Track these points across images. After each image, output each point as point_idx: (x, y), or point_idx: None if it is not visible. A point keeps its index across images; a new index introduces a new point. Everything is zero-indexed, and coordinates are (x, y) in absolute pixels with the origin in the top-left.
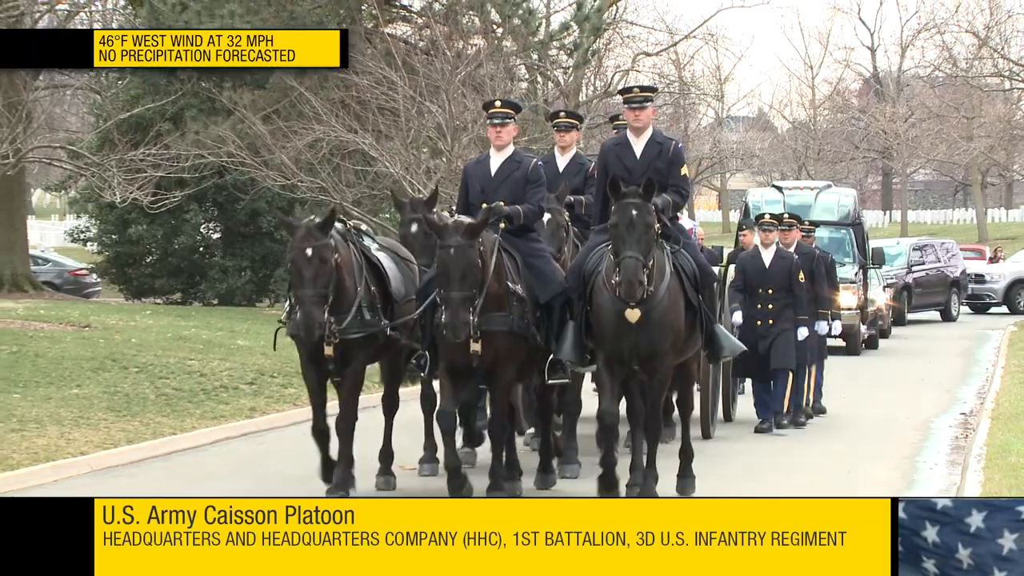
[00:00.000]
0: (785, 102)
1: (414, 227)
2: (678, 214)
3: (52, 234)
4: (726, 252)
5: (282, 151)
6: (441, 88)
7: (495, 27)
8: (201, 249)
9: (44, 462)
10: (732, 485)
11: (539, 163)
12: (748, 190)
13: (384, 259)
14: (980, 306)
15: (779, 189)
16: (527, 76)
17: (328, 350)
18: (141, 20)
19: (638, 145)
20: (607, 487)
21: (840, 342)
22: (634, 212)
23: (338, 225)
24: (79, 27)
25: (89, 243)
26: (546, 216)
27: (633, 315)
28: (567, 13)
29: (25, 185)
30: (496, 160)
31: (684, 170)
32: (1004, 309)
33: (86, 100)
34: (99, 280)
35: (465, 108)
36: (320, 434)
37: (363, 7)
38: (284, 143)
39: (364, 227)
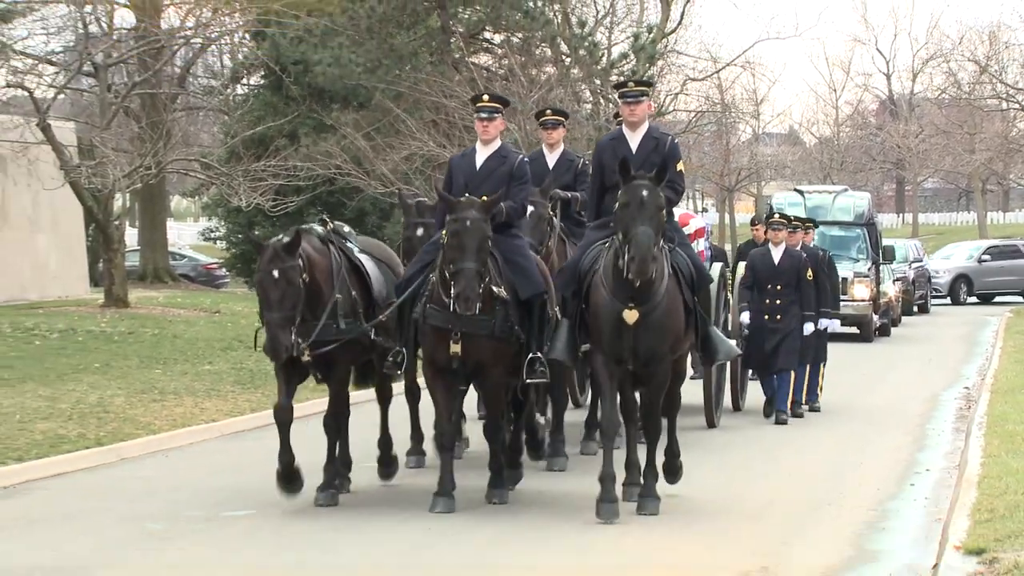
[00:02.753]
0: (812, 120)
1: (419, 231)
2: (692, 214)
3: (188, 234)
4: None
5: (382, 163)
6: (517, 110)
7: (564, 57)
8: None
9: (181, 428)
10: (749, 460)
11: (525, 160)
12: (773, 193)
13: (365, 260)
14: None
15: (800, 192)
16: (591, 99)
17: (305, 356)
18: (264, 51)
19: (634, 140)
20: (608, 499)
21: (855, 330)
22: (645, 192)
23: (319, 228)
24: (209, 58)
25: (219, 241)
26: (528, 208)
27: (631, 316)
28: (625, 45)
29: (165, 192)
30: (482, 154)
31: (680, 166)
32: (948, 301)
33: (217, 120)
34: (227, 273)
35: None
36: (283, 423)
37: (451, 40)
38: (384, 156)
39: (347, 228)
